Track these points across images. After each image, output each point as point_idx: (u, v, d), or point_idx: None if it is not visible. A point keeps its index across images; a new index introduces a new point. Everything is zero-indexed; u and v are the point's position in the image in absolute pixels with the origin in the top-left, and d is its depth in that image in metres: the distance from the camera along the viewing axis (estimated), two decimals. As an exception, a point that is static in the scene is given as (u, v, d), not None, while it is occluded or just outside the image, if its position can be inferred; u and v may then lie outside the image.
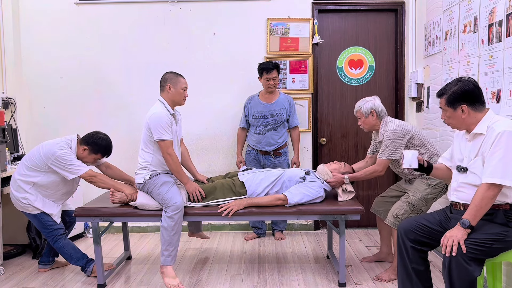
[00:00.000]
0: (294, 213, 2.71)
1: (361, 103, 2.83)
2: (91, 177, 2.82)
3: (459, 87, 2.01)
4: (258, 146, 3.61)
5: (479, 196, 1.90)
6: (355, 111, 2.88)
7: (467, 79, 2.03)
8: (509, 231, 1.92)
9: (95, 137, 2.89)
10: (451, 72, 3.02)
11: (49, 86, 3.99)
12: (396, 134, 2.66)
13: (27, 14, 3.94)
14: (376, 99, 2.83)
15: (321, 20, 3.97)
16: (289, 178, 2.86)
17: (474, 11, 2.71)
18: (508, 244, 1.92)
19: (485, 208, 1.90)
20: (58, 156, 2.77)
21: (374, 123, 2.82)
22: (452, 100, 2.03)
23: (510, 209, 1.95)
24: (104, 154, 2.94)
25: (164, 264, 2.71)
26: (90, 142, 2.87)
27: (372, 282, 2.82)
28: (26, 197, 2.85)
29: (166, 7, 3.94)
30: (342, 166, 2.98)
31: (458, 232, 1.90)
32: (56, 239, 2.90)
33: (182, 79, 2.83)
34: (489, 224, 1.95)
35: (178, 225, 2.66)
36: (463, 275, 1.84)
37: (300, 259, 3.28)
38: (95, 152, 2.88)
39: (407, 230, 2.17)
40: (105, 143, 2.91)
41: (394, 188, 2.99)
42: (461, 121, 2.05)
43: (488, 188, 1.88)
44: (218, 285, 2.82)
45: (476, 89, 2.01)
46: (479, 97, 2.01)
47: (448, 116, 2.09)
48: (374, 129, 2.87)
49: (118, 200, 2.80)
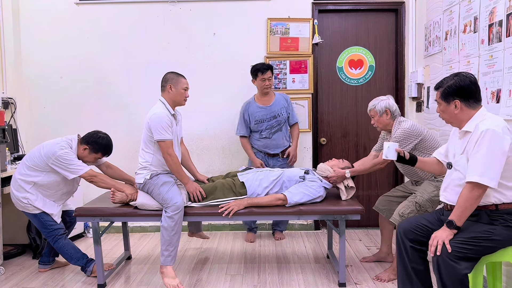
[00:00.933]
0: (294, 213, 2.71)
1: (375, 102, 2.83)
2: (91, 177, 2.82)
3: (454, 82, 1.99)
4: (267, 150, 3.59)
5: (464, 197, 1.90)
6: (369, 110, 2.87)
7: (464, 75, 2.01)
8: (496, 229, 1.91)
9: (95, 136, 2.89)
10: (451, 72, 3.02)
11: (49, 86, 3.99)
12: (408, 133, 2.66)
13: (27, 14, 3.94)
14: (390, 99, 2.82)
15: (321, 20, 3.97)
16: (288, 178, 2.86)
17: (474, 11, 2.71)
18: (497, 243, 1.91)
19: (470, 209, 1.90)
20: (58, 156, 2.77)
21: (388, 122, 2.81)
22: (446, 94, 2.02)
23: (495, 210, 1.94)
24: (105, 153, 2.94)
25: (164, 264, 2.71)
26: (90, 141, 2.87)
27: (372, 282, 2.82)
28: (27, 196, 2.85)
29: (166, 7, 3.94)
30: (341, 162, 2.98)
31: (443, 233, 1.92)
32: (56, 239, 2.90)
33: (183, 79, 2.83)
34: (475, 224, 1.96)
35: (178, 225, 2.66)
36: (452, 274, 1.85)
37: (300, 259, 3.28)
38: (96, 151, 2.88)
39: (407, 230, 2.17)
40: (105, 142, 2.91)
41: (400, 189, 2.99)
42: (453, 116, 2.04)
43: (472, 189, 1.88)
44: (218, 285, 2.82)
45: (473, 85, 1.98)
46: (474, 94, 1.98)
47: (441, 110, 2.08)
48: (387, 129, 2.86)
49: (119, 200, 2.80)
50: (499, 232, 1.91)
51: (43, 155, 2.81)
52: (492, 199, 1.94)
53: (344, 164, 2.96)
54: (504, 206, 1.94)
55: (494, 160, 1.85)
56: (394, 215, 2.72)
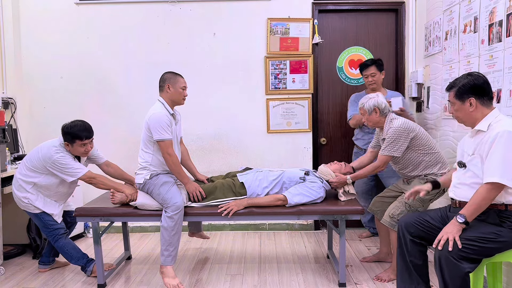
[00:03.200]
0: (294, 213, 2.71)
1: (364, 100, 2.84)
2: (90, 179, 2.81)
3: (469, 80, 2.03)
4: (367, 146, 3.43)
5: (481, 196, 1.90)
6: (359, 108, 2.89)
7: (477, 74, 2.05)
8: (502, 231, 1.92)
9: (64, 129, 2.79)
10: (451, 72, 3.02)
11: (49, 86, 3.99)
12: (400, 131, 2.66)
13: (27, 14, 3.94)
14: (379, 96, 2.83)
15: (321, 20, 3.97)
16: (288, 179, 2.86)
17: (474, 11, 2.71)
18: (502, 244, 1.92)
19: (483, 208, 1.92)
20: (54, 160, 2.77)
21: (378, 120, 2.82)
22: (461, 93, 2.04)
23: (505, 209, 1.95)
24: (82, 137, 2.76)
25: (164, 264, 2.71)
26: (64, 137, 2.79)
27: (372, 282, 2.82)
28: (27, 196, 2.85)
29: (166, 7, 3.94)
30: (343, 166, 2.98)
31: (454, 228, 1.92)
32: (56, 238, 2.90)
33: (181, 78, 2.83)
34: (482, 223, 1.96)
35: (178, 225, 2.66)
36: (454, 272, 1.86)
37: (300, 259, 3.28)
38: (73, 140, 2.77)
39: (408, 223, 2.20)
40: (74, 127, 2.76)
41: (392, 189, 2.99)
42: (468, 114, 2.05)
43: (491, 189, 1.89)
44: (218, 285, 2.82)
45: (486, 84, 2.02)
46: (488, 92, 2.02)
47: (456, 110, 2.09)
48: (378, 126, 2.87)
49: (119, 200, 2.80)
50: (506, 234, 1.91)
51: (41, 158, 2.81)
52: (503, 199, 1.94)
53: (346, 169, 2.96)
54: None
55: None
56: (384, 216, 2.74)
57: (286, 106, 3.98)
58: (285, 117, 3.99)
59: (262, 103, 3.98)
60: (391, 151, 2.69)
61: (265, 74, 3.95)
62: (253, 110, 3.98)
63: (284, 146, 4.01)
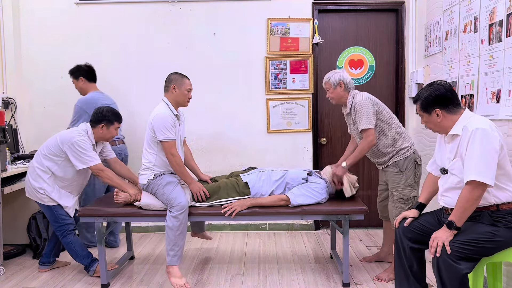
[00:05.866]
0: (298, 213, 2.72)
1: (329, 74, 2.86)
2: (98, 171, 2.82)
3: (430, 92, 2.06)
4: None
5: (464, 198, 1.91)
6: (324, 82, 2.89)
7: (438, 83, 2.07)
8: (498, 230, 1.92)
9: (102, 112, 2.90)
10: (451, 72, 3.03)
11: (49, 86, 3.98)
12: (365, 103, 2.71)
13: (27, 14, 3.94)
14: (344, 71, 2.87)
15: (321, 20, 3.97)
16: (292, 179, 2.87)
17: (474, 11, 2.71)
18: (499, 244, 1.92)
19: (470, 210, 1.91)
20: (74, 142, 2.77)
21: (342, 94, 2.84)
22: (425, 106, 2.08)
23: (497, 210, 1.95)
24: (119, 120, 2.96)
25: (170, 264, 2.71)
26: (101, 118, 2.88)
27: (372, 282, 2.82)
28: (43, 187, 2.84)
29: (166, 7, 3.94)
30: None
31: (443, 234, 1.92)
32: (65, 234, 2.90)
33: (187, 80, 2.84)
34: (477, 224, 1.96)
35: (183, 225, 2.67)
36: (452, 273, 1.86)
37: (300, 259, 3.28)
38: (111, 122, 2.90)
39: (406, 228, 2.21)
40: (112, 110, 2.94)
41: (382, 187, 3.00)
42: (437, 125, 2.08)
43: (472, 189, 1.88)
44: (219, 285, 2.82)
45: (448, 92, 2.04)
46: (452, 99, 2.04)
47: (425, 121, 2.13)
48: (341, 102, 2.88)
49: (122, 200, 2.81)
50: (502, 233, 1.91)
51: (59, 141, 2.82)
52: (492, 199, 1.95)
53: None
54: (506, 206, 1.95)
55: (488, 158, 1.87)
56: (391, 220, 2.75)
57: (286, 106, 3.98)
58: (285, 117, 3.99)
59: (262, 103, 3.98)
60: (368, 121, 2.69)
61: (265, 74, 3.95)
62: (253, 110, 3.98)
63: (284, 146, 4.01)
